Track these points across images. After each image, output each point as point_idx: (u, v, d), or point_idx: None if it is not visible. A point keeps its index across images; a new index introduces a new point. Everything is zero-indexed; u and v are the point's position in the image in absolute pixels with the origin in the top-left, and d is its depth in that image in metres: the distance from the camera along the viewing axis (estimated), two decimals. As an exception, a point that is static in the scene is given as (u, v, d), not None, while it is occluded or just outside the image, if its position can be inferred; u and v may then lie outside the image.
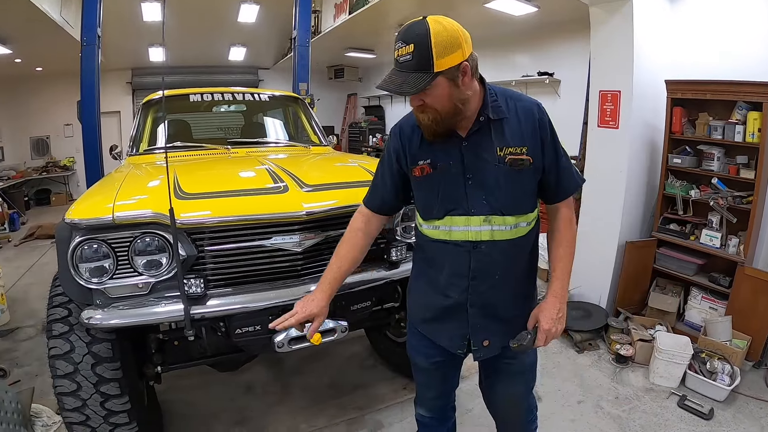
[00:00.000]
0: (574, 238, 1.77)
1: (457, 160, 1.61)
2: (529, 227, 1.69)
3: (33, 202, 11.33)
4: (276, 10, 9.36)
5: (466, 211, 1.63)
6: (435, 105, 1.51)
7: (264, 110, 4.68)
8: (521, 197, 1.64)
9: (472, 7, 6.42)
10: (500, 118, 1.59)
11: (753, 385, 3.44)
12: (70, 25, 7.13)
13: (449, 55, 1.43)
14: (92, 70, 5.40)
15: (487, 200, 1.60)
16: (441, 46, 1.42)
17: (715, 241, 3.85)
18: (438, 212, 1.67)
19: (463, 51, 1.46)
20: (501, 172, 1.58)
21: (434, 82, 1.45)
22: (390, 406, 3.21)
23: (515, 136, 1.59)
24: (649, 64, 4.03)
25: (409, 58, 1.45)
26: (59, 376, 2.15)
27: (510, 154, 1.58)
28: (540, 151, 1.62)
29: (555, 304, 1.70)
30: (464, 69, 1.47)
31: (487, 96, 1.60)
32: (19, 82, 11.04)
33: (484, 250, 1.64)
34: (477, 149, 1.60)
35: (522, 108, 1.62)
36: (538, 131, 1.61)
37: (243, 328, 2.22)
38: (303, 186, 2.40)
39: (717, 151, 3.86)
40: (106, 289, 2.08)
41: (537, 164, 1.62)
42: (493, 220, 1.61)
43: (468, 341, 1.77)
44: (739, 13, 3.98)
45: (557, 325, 1.69)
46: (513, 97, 1.66)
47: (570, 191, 1.73)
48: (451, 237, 1.67)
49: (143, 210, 2.07)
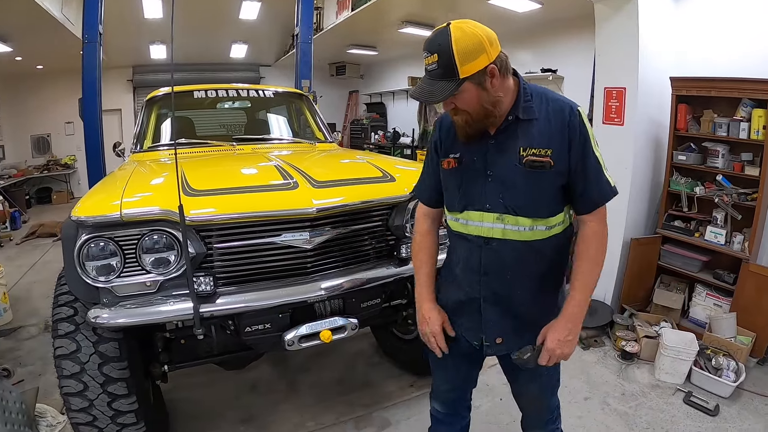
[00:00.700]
0: (598, 254, 1.66)
1: (481, 157, 1.62)
2: (549, 232, 1.64)
3: (34, 200, 11.33)
4: (277, 6, 9.35)
5: (482, 207, 1.63)
6: (465, 108, 1.53)
7: (268, 107, 4.67)
8: (539, 200, 1.60)
9: (476, 4, 6.41)
10: (530, 119, 1.58)
11: (758, 381, 3.44)
12: (71, 22, 7.11)
13: (473, 61, 1.44)
14: (93, 68, 5.40)
15: (503, 199, 1.60)
16: (463, 52, 1.43)
17: (720, 238, 3.84)
18: (458, 205, 1.70)
19: (488, 54, 1.46)
20: (519, 172, 1.57)
21: (461, 88, 1.47)
22: (397, 403, 3.21)
23: (542, 138, 1.57)
24: (654, 61, 4.02)
25: (435, 67, 1.47)
26: (65, 377, 2.13)
27: (531, 155, 1.56)
28: (566, 153, 1.57)
29: (566, 326, 1.63)
30: (491, 72, 1.48)
31: (520, 95, 1.60)
32: (19, 80, 11.03)
33: (495, 247, 1.64)
34: (501, 148, 1.60)
35: (554, 109, 1.59)
36: (566, 133, 1.56)
37: (253, 326, 2.22)
38: (313, 182, 2.39)
39: (722, 148, 3.86)
40: (113, 288, 2.07)
41: (560, 168, 1.57)
42: (506, 219, 1.61)
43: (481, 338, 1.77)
44: (744, 10, 3.97)
45: (564, 347, 1.63)
46: (548, 98, 1.63)
47: (596, 202, 1.63)
48: (467, 231, 1.69)
49: (151, 207, 2.06)
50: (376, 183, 2.56)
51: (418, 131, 11.06)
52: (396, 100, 12.62)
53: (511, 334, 1.74)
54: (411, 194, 2.54)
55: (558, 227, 1.66)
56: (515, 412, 3.01)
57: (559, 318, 1.65)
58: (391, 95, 12.67)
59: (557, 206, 1.63)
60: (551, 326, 1.65)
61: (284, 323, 2.26)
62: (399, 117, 12.30)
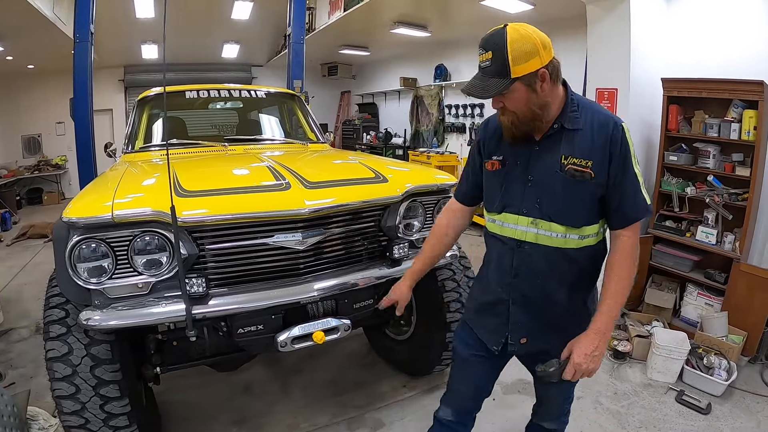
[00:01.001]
0: (629, 273, 1.66)
1: (524, 161, 1.67)
2: (582, 242, 1.66)
3: (25, 201, 11.22)
4: (270, 7, 9.34)
5: (518, 210, 1.68)
6: (513, 108, 1.57)
7: (260, 107, 4.67)
8: (575, 209, 1.62)
9: (468, 5, 6.43)
10: (574, 129, 1.61)
11: (749, 379, 3.47)
12: (63, 21, 7.06)
13: (526, 62, 1.48)
14: (85, 68, 5.37)
15: (539, 204, 1.64)
16: (517, 53, 1.47)
17: (711, 237, 3.87)
18: (497, 207, 1.75)
19: (541, 58, 1.50)
20: (559, 180, 1.60)
21: (512, 87, 1.51)
22: (390, 404, 3.20)
23: (584, 149, 1.59)
24: (645, 62, 4.05)
25: (489, 64, 1.52)
26: (57, 379, 2.11)
27: (572, 164, 1.59)
28: (606, 166, 1.58)
29: (593, 341, 1.62)
30: (542, 75, 1.52)
31: (568, 104, 1.63)
32: (10, 79, 10.93)
33: (527, 250, 1.69)
34: (544, 154, 1.64)
35: (599, 122, 1.61)
36: (608, 146, 1.57)
37: (245, 327, 2.22)
38: (305, 183, 2.39)
39: (713, 148, 3.89)
40: (105, 290, 2.06)
41: (600, 180, 1.58)
42: (540, 224, 1.64)
43: (506, 338, 1.80)
44: (735, 11, 4.00)
45: (591, 363, 1.61)
46: (594, 110, 1.65)
47: (630, 218, 1.63)
48: (502, 232, 1.75)
49: (143, 208, 2.04)
50: (368, 184, 2.57)
51: (410, 132, 11.08)
52: (388, 100, 12.62)
53: (536, 334, 1.77)
54: (403, 195, 2.56)
55: (591, 239, 1.68)
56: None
57: (587, 332, 1.64)
58: (383, 96, 12.67)
59: (592, 217, 1.65)
60: (578, 341, 1.64)
61: (277, 324, 2.26)
62: (391, 117, 12.31)
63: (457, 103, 9.64)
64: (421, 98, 10.69)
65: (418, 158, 9.29)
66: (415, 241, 2.71)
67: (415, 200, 2.68)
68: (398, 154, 10.99)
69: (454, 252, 2.82)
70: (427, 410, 3.08)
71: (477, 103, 9.12)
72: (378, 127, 12.65)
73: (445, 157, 9.07)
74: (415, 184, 2.66)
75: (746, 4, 3.93)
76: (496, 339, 1.82)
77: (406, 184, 2.62)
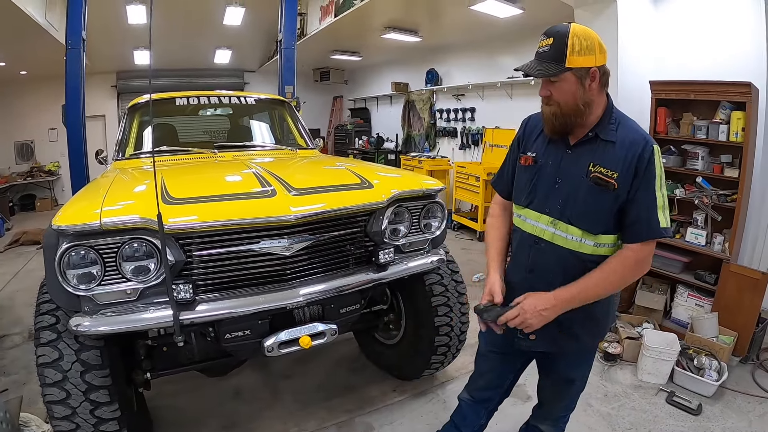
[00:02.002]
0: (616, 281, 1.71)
1: (556, 163, 1.73)
2: (597, 249, 1.70)
3: (18, 207, 11.17)
4: (261, 12, 9.34)
5: (542, 208, 1.75)
6: (559, 98, 1.64)
7: (250, 113, 4.68)
8: (593, 216, 1.67)
9: (458, 10, 6.45)
10: (607, 140, 1.66)
11: (740, 380, 3.49)
12: (55, 28, 7.06)
13: (582, 56, 1.58)
14: (77, 74, 5.35)
15: (561, 205, 1.70)
16: (577, 45, 1.57)
17: (701, 239, 3.90)
18: (524, 201, 1.83)
19: (596, 58, 1.59)
20: (583, 185, 1.66)
21: (562, 76, 1.60)
22: (380, 408, 3.21)
23: (613, 161, 1.64)
24: (633, 65, 4.08)
25: (547, 50, 1.62)
26: (48, 385, 2.12)
27: (598, 172, 1.64)
28: (629, 183, 1.62)
29: (548, 302, 1.68)
30: (593, 74, 1.60)
31: (607, 115, 1.68)
32: (2, 85, 10.91)
33: (543, 248, 1.76)
34: (576, 158, 1.70)
35: (631, 139, 1.65)
36: (635, 162, 1.61)
37: (232, 332, 2.23)
38: (291, 190, 2.40)
39: (701, 150, 3.92)
40: (94, 296, 2.06)
41: (621, 192, 1.63)
42: (558, 225, 1.71)
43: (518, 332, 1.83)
44: (723, 13, 4.04)
45: (534, 318, 1.68)
46: (630, 127, 1.69)
47: (641, 235, 1.65)
48: (523, 227, 1.85)
49: (131, 216, 2.05)
50: (353, 190, 2.58)
51: (401, 136, 11.09)
52: (380, 105, 12.64)
53: (544, 333, 1.78)
54: (388, 201, 2.58)
55: (606, 248, 1.71)
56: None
57: (548, 293, 1.70)
58: (375, 100, 12.69)
59: (610, 227, 1.69)
60: (535, 294, 1.72)
61: (264, 330, 2.27)
62: (383, 122, 12.34)
63: (449, 108, 9.67)
64: (412, 103, 10.70)
65: (409, 163, 9.30)
66: (401, 246, 2.72)
67: (401, 206, 2.69)
68: (390, 159, 10.99)
69: (441, 256, 2.84)
70: (416, 414, 3.10)
71: (468, 107, 9.14)
72: (370, 132, 12.65)
73: (437, 161, 9.08)
74: (400, 189, 2.68)
75: (734, 6, 3.97)
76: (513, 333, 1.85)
77: (392, 189, 2.63)
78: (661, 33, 4.39)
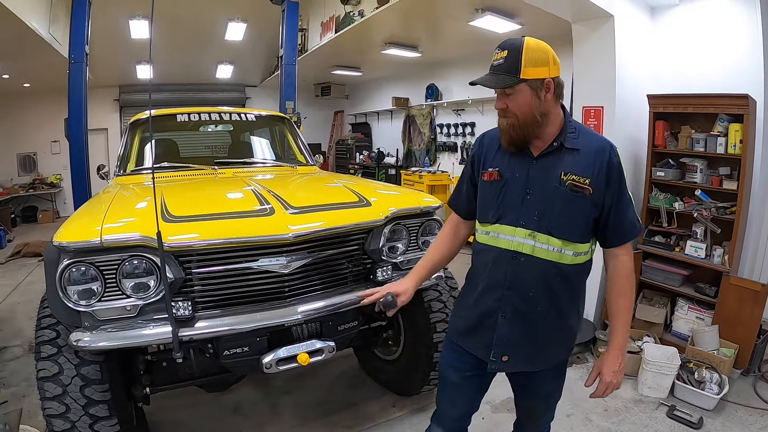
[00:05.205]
0: (633, 290, 1.81)
1: (523, 175, 1.72)
2: (575, 258, 1.72)
3: (19, 219, 11.22)
4: (263, 28, 9.44)
5: (515, 222, 1.72)
6: (516, 110, 1.65)
7: (251, 129, 4.71)
8: (573, 224, 1.69)
9: (457, 26, 6.50)
10: (572, 148, 1.68)
11: (741, 392, 3.48)
12: (58, 42, 7.13)
13: (536, 67, 1.60)
14: (80, 87, 5.39)
15: (538, 217, 1.69)
16: (530, 57, 1.59)
17: (700, 251, 3.90)
18: (492, 217, 1.78)
19: (550, 69, 1.61)
20: (559, 195, 1.67)
21: (518, 87, 1.61)
22: (379, 424, 3.20)
23: (582, 168, 1.66)
24: (631, 79, 4.10)
25: (502, 62, 1.63)
26: (48, 398, 2.14)
27: (572, 180, 1.66)
28: (603, 188, 1.67)
29: (617, 357, 1.76)
30: (548, 85, 1.62)
31: (566, 125, 1.71)
32: (6, 98, 10.99)
33: (523, 263, 1.72)
34: (544, 169, 1.70)
35: (597, 146, 1.69)
36: (606, 170, 1.66)
37: (231, 349, 2.24)
38: (289, 208, 2.43)
39: (700, 163, 3.93)
40: (94, 312, 2.08)
41: (597, 199, 1.67)
42: (538, 237, 1.69)
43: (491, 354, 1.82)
44: (720, 26, 4.07)
45: (617, 377, 1.77)
46: (589, 135, 1.76)
47: (627, 237, 1.75)
48: (497, 243, 1.77)
49: (131, 233, 2.08)
50: (351, 208, 2.60)
51: (402, 151, 11.12)
52: (381, 120, 12.67)
53: (518, 354, 1.80)
54: (386, 219, 2.59)
55: (583, 256, 1.74)
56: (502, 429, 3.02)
57: (610, 350, 1.78)
58: (376, 115, 12.72)
59: (586, 235, 1.73)
60: (604, 360, 1.78)
61: (262, 347, 2.28)
62: (384, 137, 12.37)
63: (449, 123, 9.71)
64: (413, 118, 10.74)
65: (410, 177, 9.30)
66: (399, 264, 2.73)
67: (398, 223, 2.71)
68: (391, 173, 10.99)
69: (439, 273, 2.85)
70: (416, 430, 3.09)
71: (468, 122, 9.20)
72: (371, 147, 12.69)
73: (437, 176, 9.09)
74: (398, 207, 2.70)
75: (730, 18, 4.00)
76: (488, 352, 1.82)
77: (390, 207, 2.65)
78: (658, 47, 4.41)
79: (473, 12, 5.93)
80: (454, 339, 1.98)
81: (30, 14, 6.03)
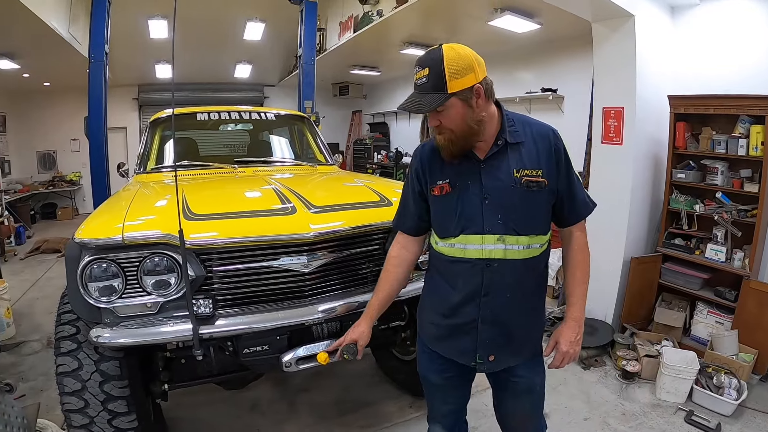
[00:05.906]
0: (588, 262, 1.84)
1: (476, 181, 1.68)
2: (541, 249, 1.74)
3: (39, 215, 11.36)
4: (281, 28, 9.46)
5: (480, 229, 1.68)
6: (450, 125, 1.60)
7: (270, 129, 4.72)
8: (535, 218, 1.70)
9: (476, 25, 6.47)
10: (517, 142, 1.67)
11: (760, 398, 3.43)
12: (78, 41, 7.21)
13: (462, 78, 1.53)
14: (99, 86, 5.46)
15: (502, 220, 1.66)
16: (454, 69, 1.53)
17: (721, 255, 3.85)
18: (454, 230, 1.73)
19: (476, 74, 1.55)
20: (517, 193, 1.65)
21: (448, 103, 1.55)
22: (396, 424, 3.20)
23: (532, 160, 1.66)
24: (652, 80, 4.06)
25: (425, 81, 1.57)
26: (67, 393, 2.17)
27: (526, 176, 1.65)
28: (555, 174, 1.69)
29: (574, 328, 1.80)
30: (477, 91, 1.57)
31: (504, 121, 1.69)
32: (26, 96, 11.15)
33: (497, 268, 1.68)
34: (495, 171, 1.67)
35: (538, 133, 1.70)
36: (553, 155, 1.68)
37: (251, 347, 2.24)
38: (310, 207, 2.42)
39: (721, 165, 3.88)
40: (114, 308, 2.09)
41: (551, 187, 1.69)
42: (507, 239, 1.66)
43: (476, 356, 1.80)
44: (742, 26, 4.01)
45: (575, 347, 1.80)
46: (529, 123, 1.74)
47: (582, 215, 1.80)
48: (466, 255, 1.71)
49: (152, 231, 2.10)
50: (372, 207, 2.59)
51: (420, 150, 11.06)
52: (398, 119, 12.64)
53: (503, 351, 1.80)
54: None
55: (546, 245, 1.77)
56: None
57: (567, 322, 1.82)
58: (394, 115, 12.70)
59: (548, 223, 1.77)
60: (561, 332, 1.82)
61: (282, 345, 2.28)
62: (402, 137, 12.33)
63: (467, 122, 9.60)
64: (431, 118, 10.65)
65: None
66: (419, 264, 2.71)
67: None
68: (409, 173, 10.91)
69: None
70: (432, 430, 3.08)
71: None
72: (389, 147, 12.64)
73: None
74: None
75: (751, 19, 3.94)
76: (470, 358, 1.81)
77: None
78: (679, 47, 4.36)
79: (492, 12, 5.90)
80: (430, 345, 1.94)
81: (50, 14, 6.09)
